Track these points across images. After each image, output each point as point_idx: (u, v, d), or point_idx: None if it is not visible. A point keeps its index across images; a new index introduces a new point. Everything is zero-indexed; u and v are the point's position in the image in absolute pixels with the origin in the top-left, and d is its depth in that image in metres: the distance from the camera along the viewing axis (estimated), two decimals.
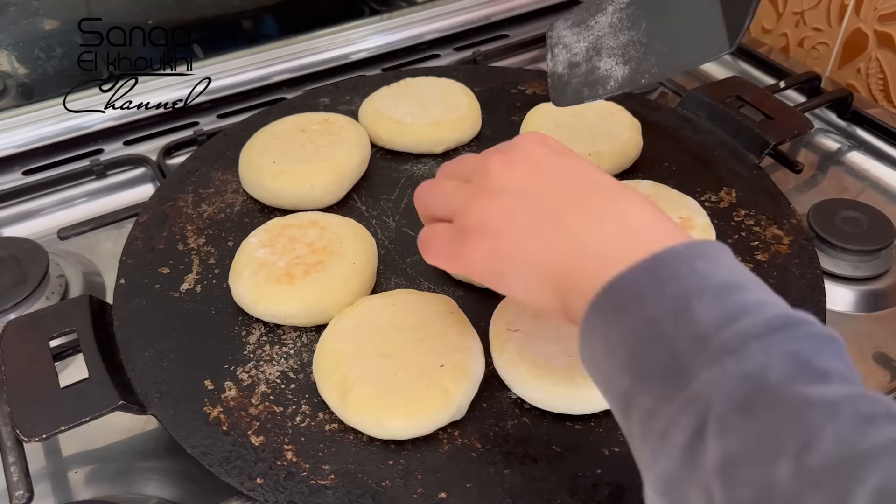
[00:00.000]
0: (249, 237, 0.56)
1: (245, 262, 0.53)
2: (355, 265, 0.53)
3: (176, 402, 0.48)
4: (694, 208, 0.58)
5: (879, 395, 0.29)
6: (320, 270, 0.52)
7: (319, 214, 0.58)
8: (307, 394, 0.49)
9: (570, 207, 0.38)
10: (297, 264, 0.53)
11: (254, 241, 0.55)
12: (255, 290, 0.52)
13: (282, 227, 0.56)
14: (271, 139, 0.65)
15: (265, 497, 0.43)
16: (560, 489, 0.43)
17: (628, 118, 0.66)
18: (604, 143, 0.63)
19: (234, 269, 0.54)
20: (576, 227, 0.37)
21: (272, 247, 0.54)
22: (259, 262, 0.53)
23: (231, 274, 0.54)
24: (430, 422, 0.45)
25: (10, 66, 0.77)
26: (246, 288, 0.52)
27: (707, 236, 0.55)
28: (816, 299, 0.54)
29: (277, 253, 0.54)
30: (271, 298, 0.51)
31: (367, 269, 0.54)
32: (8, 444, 0.47)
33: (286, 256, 0.53)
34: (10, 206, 0.73)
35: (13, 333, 0.51)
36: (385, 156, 0.69)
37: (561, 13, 0.97)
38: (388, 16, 0.93)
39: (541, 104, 0.69)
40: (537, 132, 0.43)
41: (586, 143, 0.63)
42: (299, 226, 0.56)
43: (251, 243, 0.55)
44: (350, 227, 0.57)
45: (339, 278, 0.52)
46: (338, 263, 0.53)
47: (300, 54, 0.87)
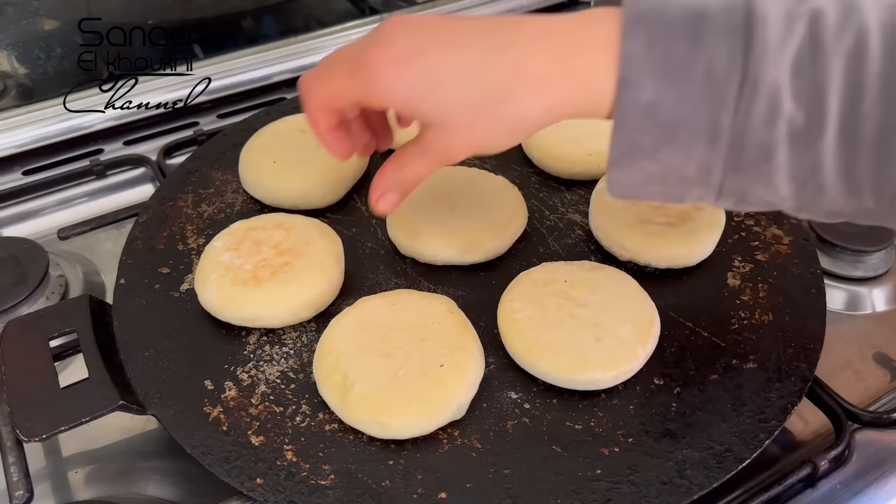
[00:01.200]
0: (213, 241, 0.55)
1: (210, 267, 0.53)
2: (322, 264, 0.53)
3: (176, 402, 0.48)
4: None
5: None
6: (287, 271, 0.52)
7: (284, 216, 0.58)
8: (307, 394, 0.49)
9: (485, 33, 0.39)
10: (264, 266, 0.52)
11: (218, 244, 0.55)
12: (221, 294, 0.51)
13: (246, 229, 0.56)
14: (271, 139, 0.65)
15: (265, 497, 0.43)
16: (560, 489, 0.43)
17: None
18: (604, 142, 0.63)
19: (198, 274, 0.53)
20: (513, 36, 0.38)
21: (237, 250, 0.54)
22: (224, 266, 0.52)
23: (196, 279, 0.53)
24: (431, 421, 0.45)
25: (10, 66, 0.77)
26: (212, 293, 0.51)
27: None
28: (816, 299, 0.54)
29: (243, 256, 0.53)
30: (239, 302, 0.51)
31: (335, 267, 0.54)
32: (8, 444, 0.46)
33: (252, 259, 0.53)
34: (10, 206, 0.73)
35: (13, 333, 0.51)
36: (385, 156, 0.69)
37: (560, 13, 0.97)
38: (389, 16, 0.93)
39: None
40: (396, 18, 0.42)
41: (588, 143, 0.63)
42: (264, 228, 0.56)
43: (215, 247, 0.54)
44: (316, 227, 0.56)
45: (306, 278, 0.52)
46: (304, 263, 0.52)
47: (300, 54, 0.87)
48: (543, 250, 0.59)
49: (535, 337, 0.48)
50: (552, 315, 0.49)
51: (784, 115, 0.34)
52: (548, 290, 0.51)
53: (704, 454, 0.44)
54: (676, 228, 0.55)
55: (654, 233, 0.55)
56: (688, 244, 0.55)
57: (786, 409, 0.46)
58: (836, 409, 0.51)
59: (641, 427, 0.46)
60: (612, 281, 0.52)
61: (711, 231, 0.56)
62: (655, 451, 0.45)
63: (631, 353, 0.47)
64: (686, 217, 0.56)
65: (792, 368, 0.49)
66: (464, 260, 0.56)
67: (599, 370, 0.47)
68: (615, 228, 0.56)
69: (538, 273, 0.53)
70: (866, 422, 0.51)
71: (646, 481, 0.43)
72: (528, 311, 0.49)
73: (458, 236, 0.56)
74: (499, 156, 0.67)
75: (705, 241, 0.55)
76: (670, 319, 0.53)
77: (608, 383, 0.47)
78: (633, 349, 0.47)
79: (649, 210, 0.56)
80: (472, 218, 0.57)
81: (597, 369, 0.46)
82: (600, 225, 0.57)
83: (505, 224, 0.57)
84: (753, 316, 0.53)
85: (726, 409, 0.47)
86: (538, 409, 0.47)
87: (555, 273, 0.52)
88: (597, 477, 0.44)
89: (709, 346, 0.51)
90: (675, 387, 0.48)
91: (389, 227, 0.58)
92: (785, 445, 0.52)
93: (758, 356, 0.50)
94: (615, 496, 0.42)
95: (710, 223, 0.56)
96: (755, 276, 0.56)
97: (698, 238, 0.55)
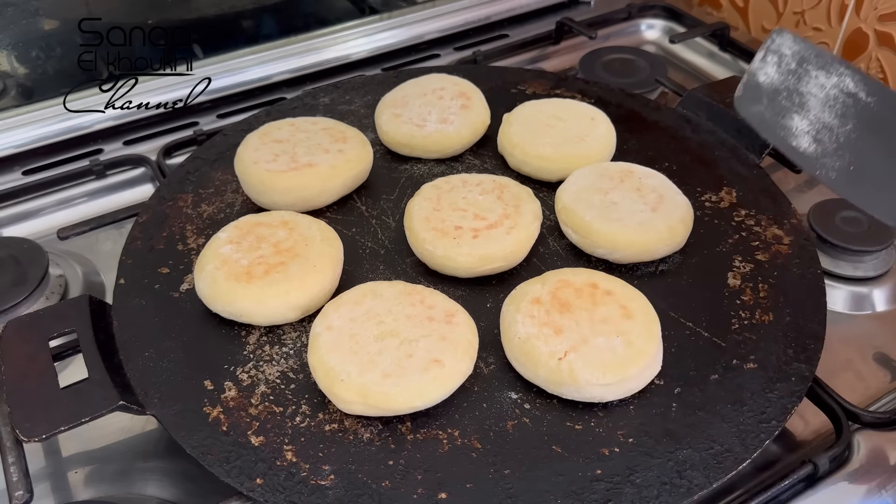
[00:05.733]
0: (219, 232, 0.56)
1: (210, 257, 0.53)
2: (316, 267, 0.53)
3: (176, 402, 0.48)
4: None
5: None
6: (280, 272, 0.52)
7: (292, 214, 0.58)
8: (307, 394, 0.49)
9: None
10: (259, 263, 0.52)
11: (223, 236, 0.55)
12: (213, 286, 0.52)
13: (252, 224, 0.56)
14: (269, 139, 0.64)
15: (265, 497, 0.43)
16: (560, 489, 0.43)
17: (606, 126, 0.66)
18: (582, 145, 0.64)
19: (199, 262, 0.54)
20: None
21: (239, 244, 0.54)
22: (223, 259, 0.53)
23: (195, 267, 0.54)
24: (431, 395, 0.46)
25: (10, 66, 0.77)
26: (206, 283, 0.52)
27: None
28: (816, 299, 0.54)
29: (242, 251, 0.54)
30: (228, 296, 0.51)
31: (329, 272, 0.54)
32: (8, 445, 0.46)
33: (250, 255, 0.53)
34: (9, 206, 0.73)
35: (13, 333, 0.51)
36: (385, 156, 0.69)
37: (561, 13, 0.97)
38: (388, 16, 0.93)
39: (525, 103, 0.69)
40: None
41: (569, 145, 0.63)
42: (269, 225, 0.56)
43: (220, 238, 0.55)
44: (319, 229, 0.56)
45: (296, 280, 0.52)
46: (299, 265, 0.52)
47: (300, 54, 0.87)
48: (543, 250, 0.59)
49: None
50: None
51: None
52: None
53: (704, 454, 0.44)
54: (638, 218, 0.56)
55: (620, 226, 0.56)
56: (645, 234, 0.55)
57: (786, 409, 0.46)
58: (836, 409, 0.51)
59: (641, 427, 0.46)
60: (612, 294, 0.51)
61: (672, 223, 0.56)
62: (655, 451, 0.45)
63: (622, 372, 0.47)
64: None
65: (792, 368, 0.49)
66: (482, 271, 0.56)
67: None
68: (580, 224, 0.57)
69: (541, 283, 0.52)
70: (866, 422, 0.51)
71: (646, 481, 0.43)
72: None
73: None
74: (498, 163, 0.68)
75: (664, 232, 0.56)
76: (670, 319, 0.53)
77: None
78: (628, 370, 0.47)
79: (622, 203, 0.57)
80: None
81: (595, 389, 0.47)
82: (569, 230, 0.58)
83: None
84: (754, 316, 0.53)
85: (726, 409, 0.47)
86: (538, 409, 0.47)
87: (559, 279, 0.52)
88: (597, 477, 0.44)
89: (709, 346, 0.51)
90: (675, 387, 0.48)
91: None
92: (785, 445, 0.52)
93: (758, 356, 0.50)
94: (615, 496, 0.42)
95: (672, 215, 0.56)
96: (755, 276, 0.56)
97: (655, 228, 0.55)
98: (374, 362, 0.46)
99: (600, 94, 0.74)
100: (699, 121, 0.71)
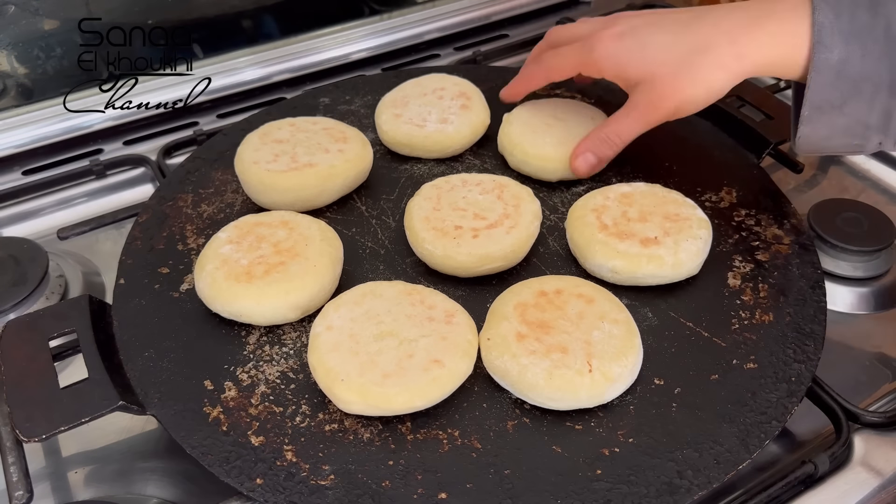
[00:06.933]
0: (219, 232, 0.56)
1: (210, 257, 0.54)
2: (316, 267, 0.53)
3: (176, 402, 0.48)
4: (689, 204, 0.58)
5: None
6: (280, 272, 0.52)
7: (292, 214, 0.58)
8: (307, 394, 0.49)
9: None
10: (259, 263, 0.52)
11: (223, 236, 0.55)
12: (213, 285, 0.52)
13: (252, 224, 0.56)
14: (269, 139, 0.64)
15: (265, 497, 0.43)
16: (560, 489, 0.43)
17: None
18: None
19: (198, 262, 0.54)
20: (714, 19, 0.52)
21: (239, 244, 0.54)
22: (223, 258, 0.53)
23: (195, 267, 0.54)
24: (431, 395, 0.46)
25: (10, 66, 0.77)
26: (206, 282, 0.52)
27: (704, 229, 0.56)
28: (817, 299, 0.54)
29: (242, 250, 0.54)
30: (227, 296, 0.51)
31: (328, 272, 0.53)
32: (8, 445, 0.46)
33: (250, 255, 0.53)
34: (9, 206, 0.73)
35: (13, 333, 0.51)
36: (385, 156, 0.69)
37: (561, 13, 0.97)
38: (388, 16, 0.93)
39: (525, 103, 0.69)
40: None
41: (569, 144, 0.63)
42: (269, 224, 0.56)
43: (220, 238, 0.55)
44: (319, 229, 0.56)
45: (296, 280, 0.52)
46: (299, 265, 0.52)
47: (300, 54, 0.87)
48: (543, 250, 0.59)
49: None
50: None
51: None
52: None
53: (704, 454, 0.44)
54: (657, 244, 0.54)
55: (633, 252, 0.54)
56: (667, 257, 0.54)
57: (786, 409, 0.46)
58: (836, 409, 0.51)
59: (641, 427, 0.46)
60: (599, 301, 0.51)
61: (700, 229, 0.55)
62: (655, 451, 0.45)
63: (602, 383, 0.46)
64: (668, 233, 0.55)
65: (792, 369, 0.49)
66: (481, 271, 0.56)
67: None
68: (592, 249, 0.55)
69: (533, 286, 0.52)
70: (866, 422, 0.51)
71: (646, 481, 0.43)
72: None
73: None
74: (498, 163, 0.68)
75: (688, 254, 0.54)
76: (670, 319, 0.53)
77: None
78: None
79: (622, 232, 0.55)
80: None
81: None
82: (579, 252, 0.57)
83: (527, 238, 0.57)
84: (754, 316, 0.53)
85: (726, 409, 0.47)
86: (538, 409, 0.47)
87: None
88: (597, 477, 0.44)
89: (709, 346, 0.51)
90: (675, 387, 0.48)
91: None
92: (785, 445, 0.52)
93: (758, 356, 0.50)
94: (615, 496, 0.42)
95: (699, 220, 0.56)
96: (755, 276, 0.56)
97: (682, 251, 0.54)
98: (374, 362, 0.46)
99: (600, 94, 0.74)
100: (699, 121, 0.70)
